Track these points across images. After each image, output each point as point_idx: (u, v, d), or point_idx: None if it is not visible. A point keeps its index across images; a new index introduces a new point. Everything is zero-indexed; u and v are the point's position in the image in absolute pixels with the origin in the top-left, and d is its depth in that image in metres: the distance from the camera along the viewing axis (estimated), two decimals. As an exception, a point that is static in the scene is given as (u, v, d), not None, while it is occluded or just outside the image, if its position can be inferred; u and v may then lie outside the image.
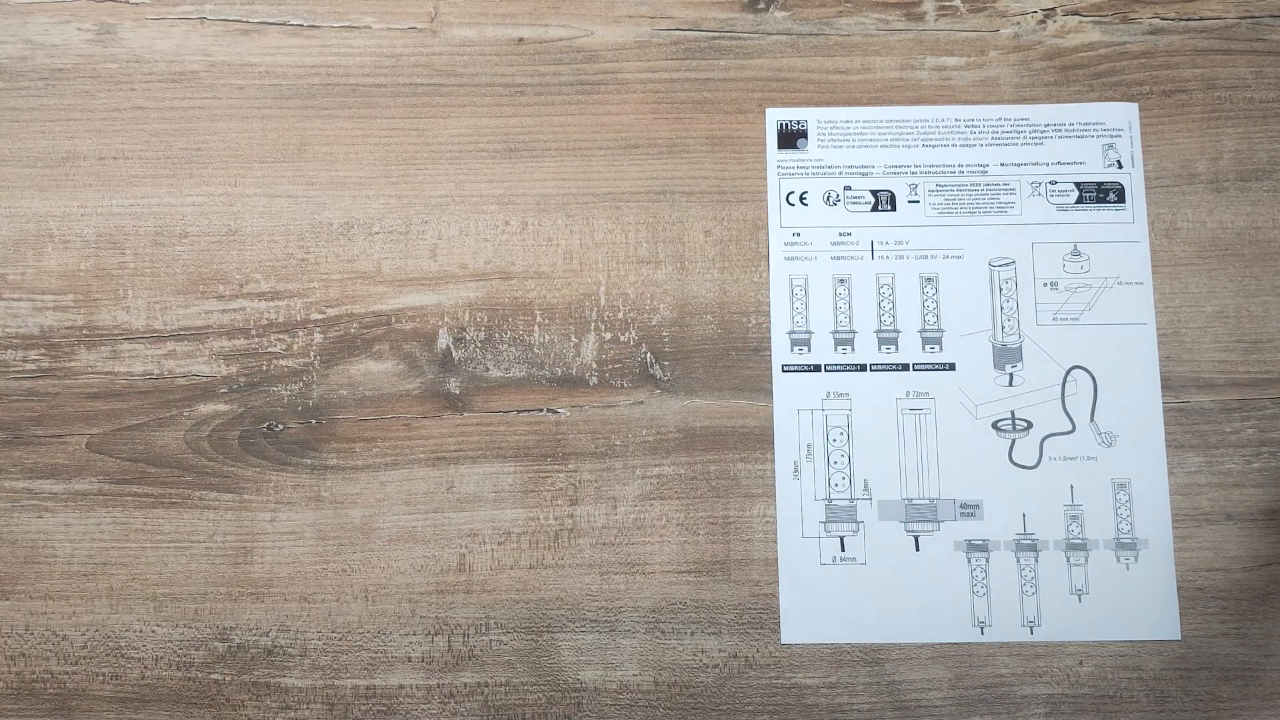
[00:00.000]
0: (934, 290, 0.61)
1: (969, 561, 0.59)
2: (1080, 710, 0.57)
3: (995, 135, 0.63)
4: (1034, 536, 0.59)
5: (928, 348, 0.61)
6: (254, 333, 0.61)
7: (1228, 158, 0.62)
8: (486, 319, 0.61)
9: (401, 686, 0.58)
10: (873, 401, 0.60)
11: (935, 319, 0.61)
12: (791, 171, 0.63)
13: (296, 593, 0.58)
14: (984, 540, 0.59)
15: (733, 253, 0.62)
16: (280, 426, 0.60)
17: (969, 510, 0.59)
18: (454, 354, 0.61)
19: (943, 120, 0.63)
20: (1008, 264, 0.61)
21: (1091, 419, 0.60)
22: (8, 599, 0.58)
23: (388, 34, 0.64)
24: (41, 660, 0.58)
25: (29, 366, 0.60)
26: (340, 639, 0.58)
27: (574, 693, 0.58)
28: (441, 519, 0.59)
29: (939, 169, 0.63)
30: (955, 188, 0.62)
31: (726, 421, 0.60)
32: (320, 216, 0.62)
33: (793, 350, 0.61)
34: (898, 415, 0.60)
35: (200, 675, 0.58)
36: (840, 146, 0.63)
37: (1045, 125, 0.63)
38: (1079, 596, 0.58)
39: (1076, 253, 0.62)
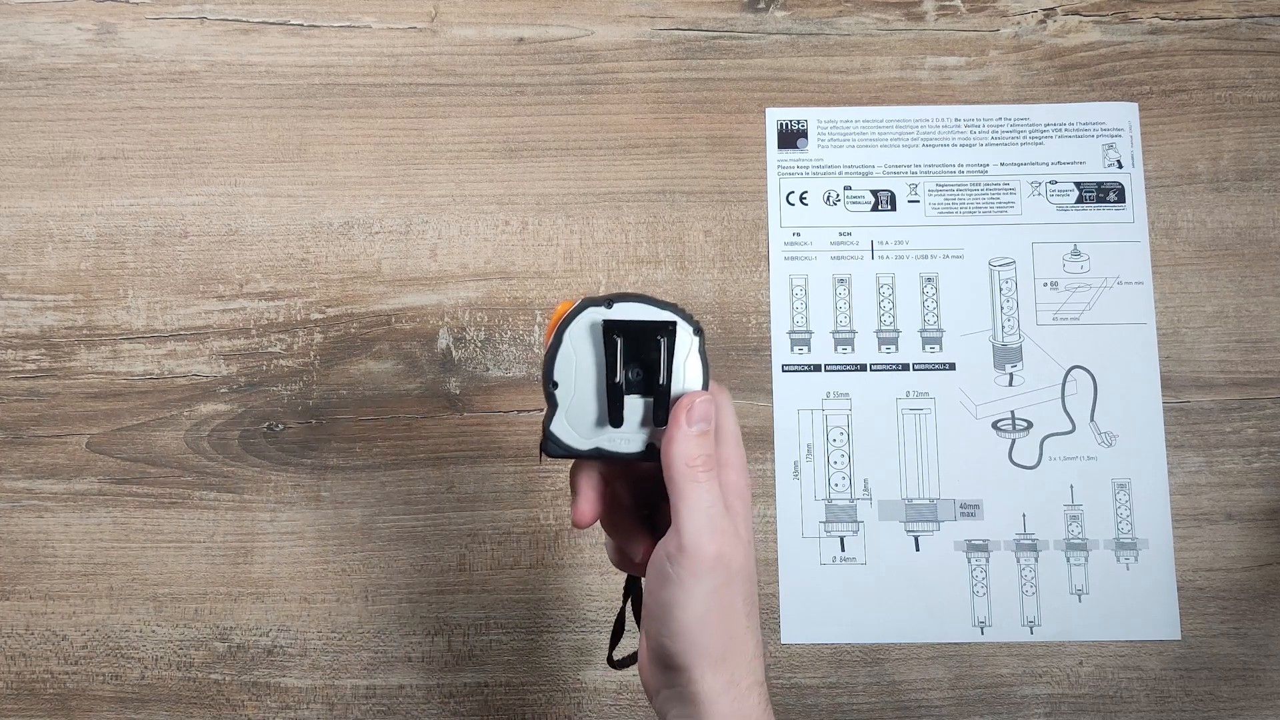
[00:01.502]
0: (934, 290, 0.61)
1: (969, 561, 0.59)
2: (1080, 710, 0.57)
3: (995, 135, 0.63)
4: (1034, 536, 0.59)
5: (928, 348, 0.61)
6: (254, 333, 0.61)
7: (1228, 157, 0.62)
8: (486, 319, 0.61)
9: (401, 686, 0.58)
10: (873, 401, 0.60)
11: (935, 319, 0.61)
12: (791, 171, 0.63)
13: (296, 593, 0.58)
14: (984, 540, 0.59)
15: (733, 253, 0.62)
16: (280, 426, 0.60)
17: (969, 510, 0.59)
18: (454, 354, 0.61)
19: (943, 120, 0.63)
20: (1008, 264, 0.61)
21: (1091, 419, 0.60)
22: (8, 599, 0.58)
23: (388, 34, 0.64)
24: (41, 660, 0.58)
25: (29, 366, 0.60)
26: (340, 639, 0.58)
27: (574, 693, 0.58)
28: (441, 519, 0.59)
29: (939, 169, 0.63)
30: (955, 187, 0.62)
31: (726, 421, 0.60)
32: (320, 216, 0.62)
33: (793, 350, 0.61)
34: (898, 415, 0.60)
35: (200, 675, 0.58)
36: (840, 146, 0.63)
37: (1045, 125, 0.63)
38: (1079, 596, 0.58)
39: (1076, 252, 0.62)
